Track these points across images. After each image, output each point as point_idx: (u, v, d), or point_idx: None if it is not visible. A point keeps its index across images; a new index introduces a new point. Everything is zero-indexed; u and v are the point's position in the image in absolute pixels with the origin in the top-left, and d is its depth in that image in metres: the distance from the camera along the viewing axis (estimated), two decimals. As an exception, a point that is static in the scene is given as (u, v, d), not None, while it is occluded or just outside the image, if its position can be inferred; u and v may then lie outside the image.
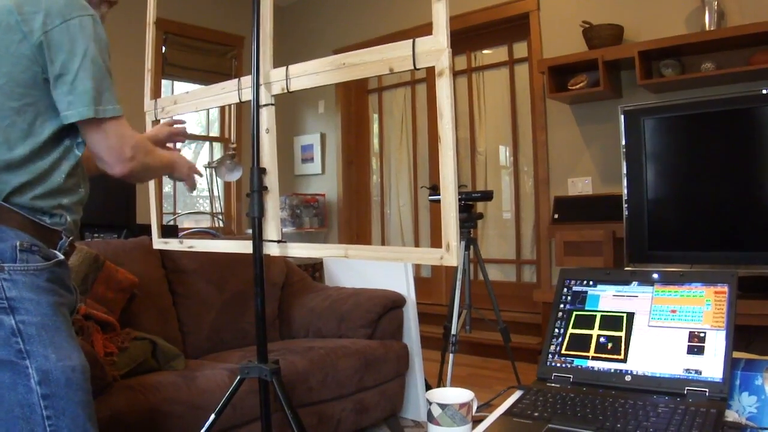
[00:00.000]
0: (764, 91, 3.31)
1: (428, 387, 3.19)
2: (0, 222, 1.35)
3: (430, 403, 1.36)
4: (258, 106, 1.89)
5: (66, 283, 1.46)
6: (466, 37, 5.19)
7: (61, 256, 1.44)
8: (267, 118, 1.91)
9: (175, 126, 2.14)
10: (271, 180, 1.90)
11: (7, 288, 1.32)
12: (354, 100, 6.25)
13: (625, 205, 3.72)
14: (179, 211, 5.99)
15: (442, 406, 1.34)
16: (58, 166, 1.44)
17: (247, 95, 1.96)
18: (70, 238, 1.50)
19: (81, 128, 1.43)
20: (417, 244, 5.83)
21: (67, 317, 1.43)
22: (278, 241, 1.89)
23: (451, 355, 3.28)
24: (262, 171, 1.88)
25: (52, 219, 1.44)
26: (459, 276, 3.33)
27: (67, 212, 1.48)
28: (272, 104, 1.92)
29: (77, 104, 1.38)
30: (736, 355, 1.35)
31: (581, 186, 4.51)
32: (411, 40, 1.59)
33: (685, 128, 3.60)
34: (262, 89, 1.91)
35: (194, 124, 6.26)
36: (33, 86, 1.39)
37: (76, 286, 1.53)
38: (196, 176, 1.95)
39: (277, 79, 1.91)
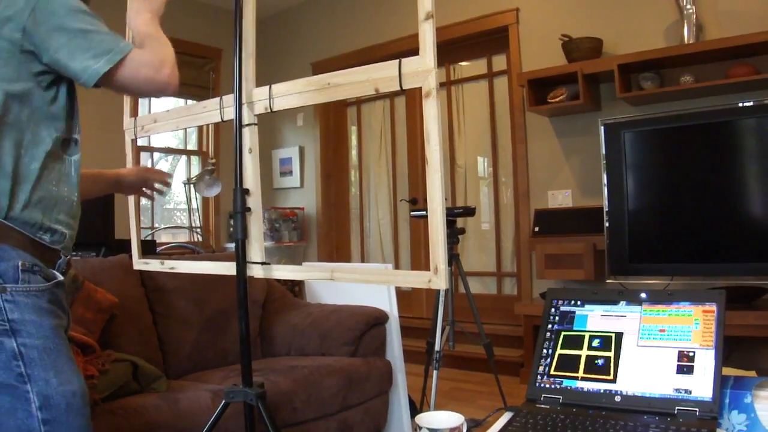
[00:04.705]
0: (741, 104, 3.35)
1: (412, 404, 3.17)
2: (2, 241, 1.33)
3: (420, 428, 1.34)
4: (241, 127, 1.86)
5: (63, 305, 1.44)
6: (445, 49, 5.19)
7: (60, 277, 1.42)
8: (250, 137, 1.88)
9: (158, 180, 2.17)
10: (254, 201, 1.87)
11: (9, 309, 1.29)
12: (332, 113, 6.23)
13: (605, 218, 3.74)
14: (157, 225, 5.93)
15: (433, 431, 1.32)
16: (51, 171, 1.42)
17: (229, 114, 1.93)
18: (68, 257, 1.48)
19: (105, 84, 1.40)
20: (397, 258, 5.82)
21: (66, 339, 1.41)
22: (262, 263, 1.87)
23: (435, 371, 3.26)
24: (246, 192, 1.85)
25: (52, 237, 1.42)
26: (442, 292, 3.32)
27: (66, 228, 1.46)
28: (255, 124, 1.89)
29: (90, 66, 1.35)
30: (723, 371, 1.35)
31: (561, 198, 4.53)
32: (397, 61, 1.57)
33: (664, 141, 3.64)
34: (245, 109, 1.88)
35: (171, 137, 6.21)
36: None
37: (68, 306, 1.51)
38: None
39: (260, 99, 1.88)
